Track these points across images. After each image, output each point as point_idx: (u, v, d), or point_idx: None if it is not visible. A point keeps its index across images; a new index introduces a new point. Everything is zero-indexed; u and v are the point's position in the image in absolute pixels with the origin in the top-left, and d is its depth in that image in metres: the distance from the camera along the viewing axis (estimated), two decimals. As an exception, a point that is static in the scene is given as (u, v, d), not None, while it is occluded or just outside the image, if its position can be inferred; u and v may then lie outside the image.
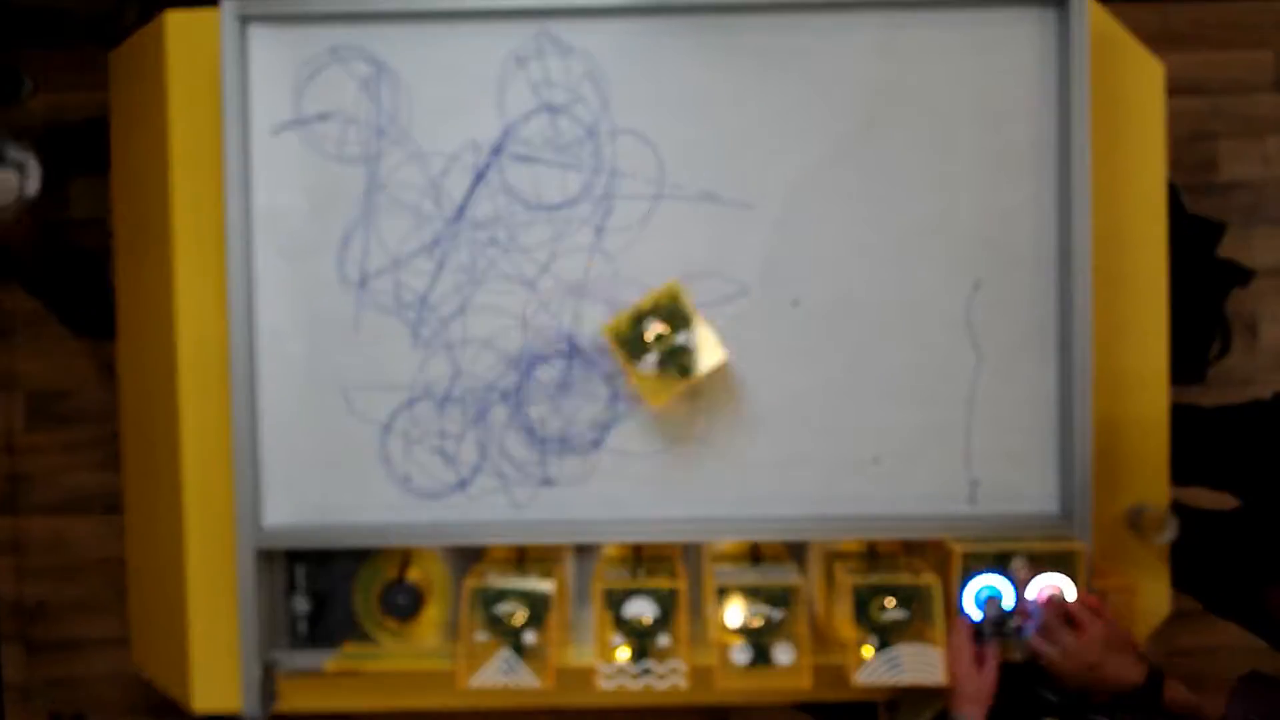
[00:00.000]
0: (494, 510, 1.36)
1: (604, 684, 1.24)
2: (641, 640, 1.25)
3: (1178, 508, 1.39)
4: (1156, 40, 1.40)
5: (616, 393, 1.35)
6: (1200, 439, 1.60)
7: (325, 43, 1.33)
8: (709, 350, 1.25)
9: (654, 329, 1.24)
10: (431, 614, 1.39)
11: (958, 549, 1.27)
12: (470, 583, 1.27)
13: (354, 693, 1.44)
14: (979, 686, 1.22)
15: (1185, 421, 1.51)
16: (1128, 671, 1.17)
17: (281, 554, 1.38)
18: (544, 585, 1.27)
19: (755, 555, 1.38)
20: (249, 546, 1.32)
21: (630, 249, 1.34)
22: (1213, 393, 2.04)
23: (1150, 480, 1.41)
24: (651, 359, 1.25)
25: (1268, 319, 2.15)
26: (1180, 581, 1.48)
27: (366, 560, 1.39)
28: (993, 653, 1.24)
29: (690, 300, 1.26)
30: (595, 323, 1.34)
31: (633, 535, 1.35)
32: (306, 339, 1.36)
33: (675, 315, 1.25)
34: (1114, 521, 1.40)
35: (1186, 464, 1.50)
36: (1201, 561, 1.49)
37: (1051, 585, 1.26)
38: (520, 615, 1.26)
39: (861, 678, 1.24)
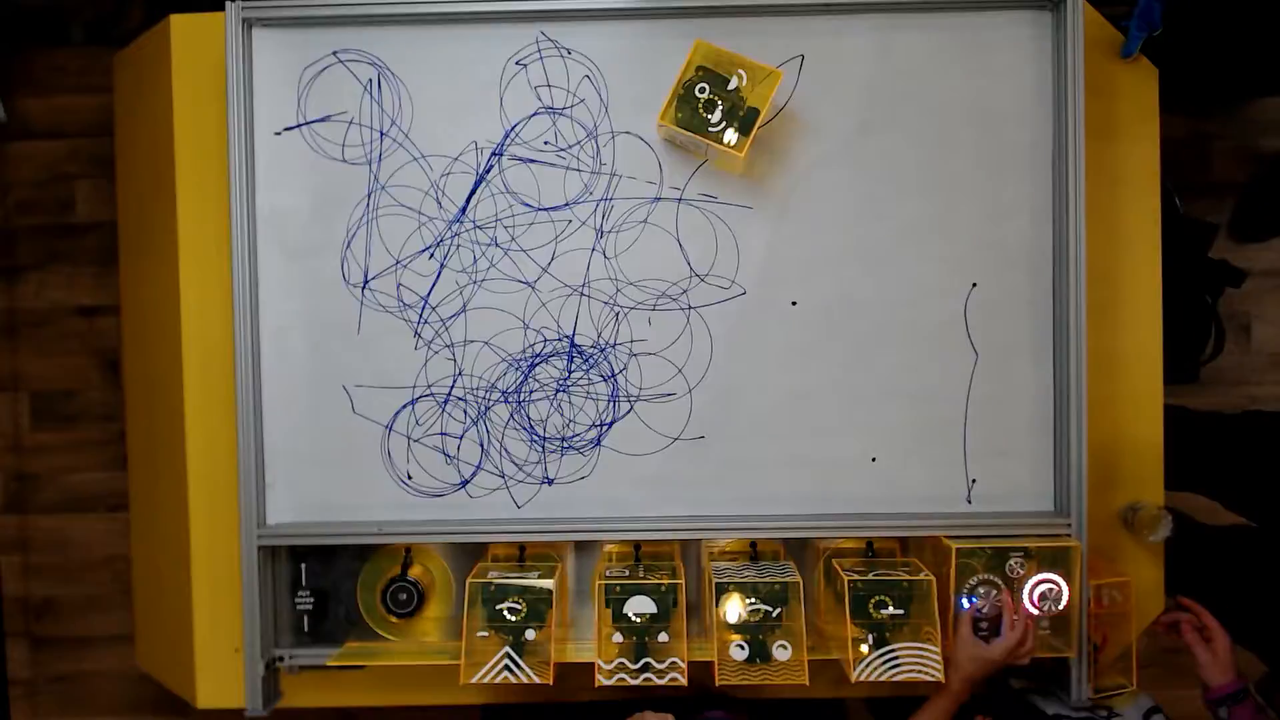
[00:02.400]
0: (495, 508, 1.38)
1: (604, 680, 1.25)
2: (641, 637, 1.26)
3: (1179, 520, 1.37)
4: (1151, 43, 1.41)
5: (616, 392, 1.37)
6: (1201, 445, 1.59)
7: (328, 45, 1.35)
8: (761, 84, 1.24)
9: (702, 92, 1.24)
10: (433, 611, 1.40)
11: (954, 547, 1.28)
12: (472, 580, 1.28)
13: (357, 689, 1.45)
14: (970, 654, 1.23)
15: (1182, 426, 1.50)
16: None
17: (285, 551, 1.40)
18: (544, 582, 1.28)
19: (754, 553, 1.39)
20: (252, 544, 1.33)
21: (630, 249, 1.35)
22: (1206, 392, 2.05)
23: (1145, 478, 1.41)
24: (719, 119, 1.24)
25: (1260, 319, 2.16)
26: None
27: (369, 558, 1.40)
28: (1008, 625, 1.25)
29: (719, 49, 1.25)
30: (595, 323, 1.36)
31: (632, 533, 1.36)
32: (309, 339, 1.37)
33: (712, 74, 1.25)
34: (1109, 519, 1.41)
35: (1184, 469, 1.49)
36: (1208, 584, 1.46)
37: (1047, 583, 1.27)
38: (521, 612, 1.27)
39: (859, 674, 1.25)
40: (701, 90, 1.24)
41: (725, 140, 1.25)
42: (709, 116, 1.24)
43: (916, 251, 1.35)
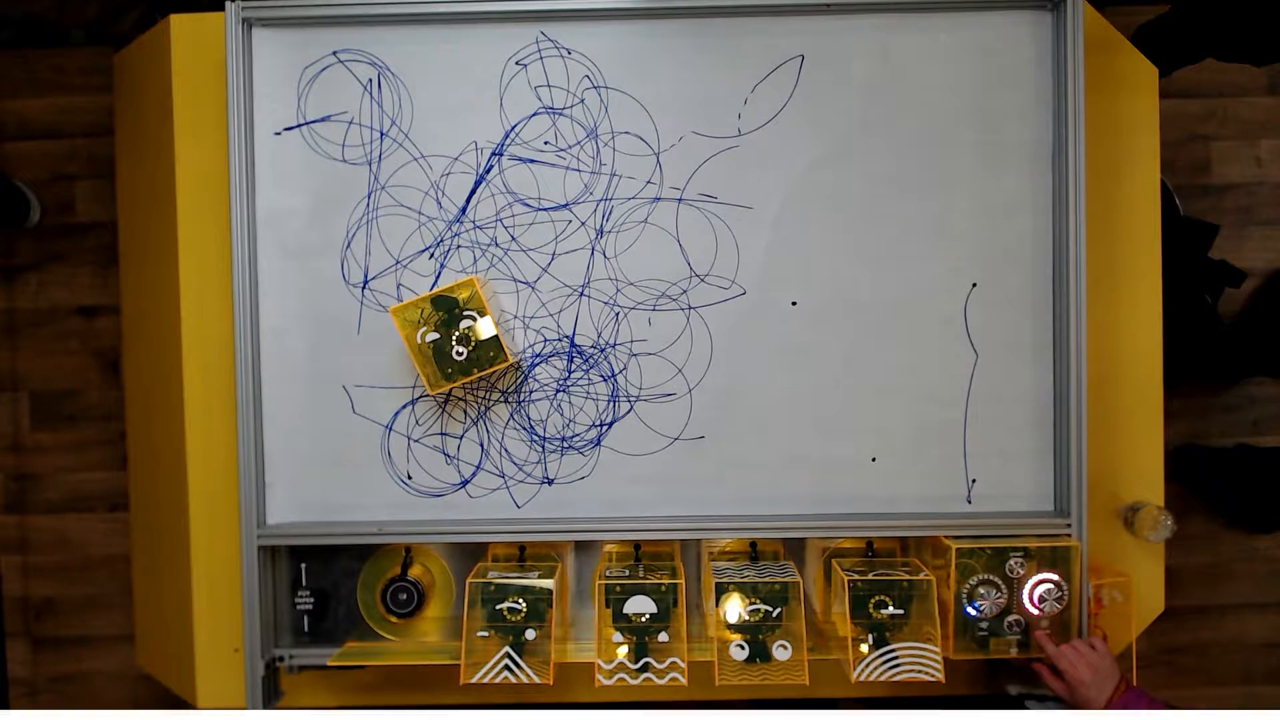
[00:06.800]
0: (495, 508, 1.38)
1: (604, 680, 1.25)
2: (641, 637, 1.26)
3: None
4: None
5: (616, 392, 1.37)
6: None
7: (328, 45, 1.35)
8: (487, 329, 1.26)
9: (463, 323, 1.25)
10: (433, 611, 1.40)
11: (954, 547, 1.28)
12: (472, 580, 1.28)
13: (357, 689, 1.46)
14: (1095, 667, 1.23)
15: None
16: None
17: (285, 551, 1.40)
18: (544, 582, 1.28)
19: (754, 553, 1.39)
20: (252, 544, 1.33)
21: (630, 249, 1.35)
22: (1206, 393, 2.05)
23: (1145, 478, 1.42)
24: (432, 337, 1.25)
25: (1260, 320, 2.16)
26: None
27: (369, 558, 1.40)
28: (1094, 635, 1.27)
29: (483, 295, 1.26)
30: (595, 323, 1.36)
31: (632, 533, 1.36)
32: (309, 339, 1.37)
33: (470, 309, 1.26)
34: (1109, 519, 1.41)
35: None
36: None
37: (1047, 583, 1.27)
38: (521, 612, 1.27)
39: (858, 674, 1.25)
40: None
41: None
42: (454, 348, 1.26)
43: (916, 251, 1.35)
